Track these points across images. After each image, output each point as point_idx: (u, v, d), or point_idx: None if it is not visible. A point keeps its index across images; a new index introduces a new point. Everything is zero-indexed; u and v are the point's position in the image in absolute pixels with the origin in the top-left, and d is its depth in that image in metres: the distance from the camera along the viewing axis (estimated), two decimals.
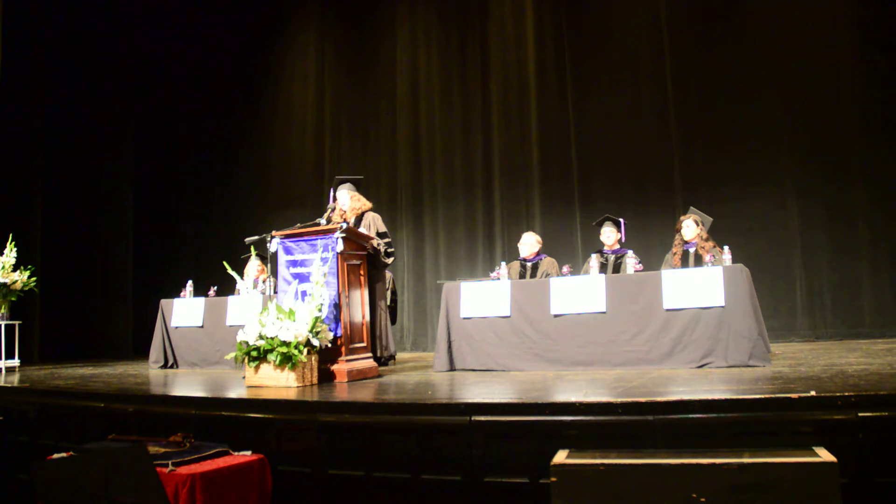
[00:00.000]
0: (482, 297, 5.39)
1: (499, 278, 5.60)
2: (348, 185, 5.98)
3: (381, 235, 5.77)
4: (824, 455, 2.67)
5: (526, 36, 8.70)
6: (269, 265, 6.38)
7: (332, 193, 6.04)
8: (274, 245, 5.25)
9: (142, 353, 7.92)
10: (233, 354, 4.74)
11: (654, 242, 7.27)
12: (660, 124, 7.92)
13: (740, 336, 4.59)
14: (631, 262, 5.59)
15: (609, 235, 6.24)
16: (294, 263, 5.10)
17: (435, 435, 3.45)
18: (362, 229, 5.66)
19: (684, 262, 5.85)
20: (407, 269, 9.09)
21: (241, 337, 4.69)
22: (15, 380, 5.79)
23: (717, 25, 7.75)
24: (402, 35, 9.42)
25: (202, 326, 6.75)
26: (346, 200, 5.91)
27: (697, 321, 4.76)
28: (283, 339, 4.51)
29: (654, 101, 7.98)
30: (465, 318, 5.40)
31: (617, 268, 5.96)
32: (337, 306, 4.92)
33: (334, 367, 4.89)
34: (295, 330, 4.53)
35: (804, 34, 7.41)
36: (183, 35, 10.39)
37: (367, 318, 5.26)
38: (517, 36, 8.77)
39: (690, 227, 5.91)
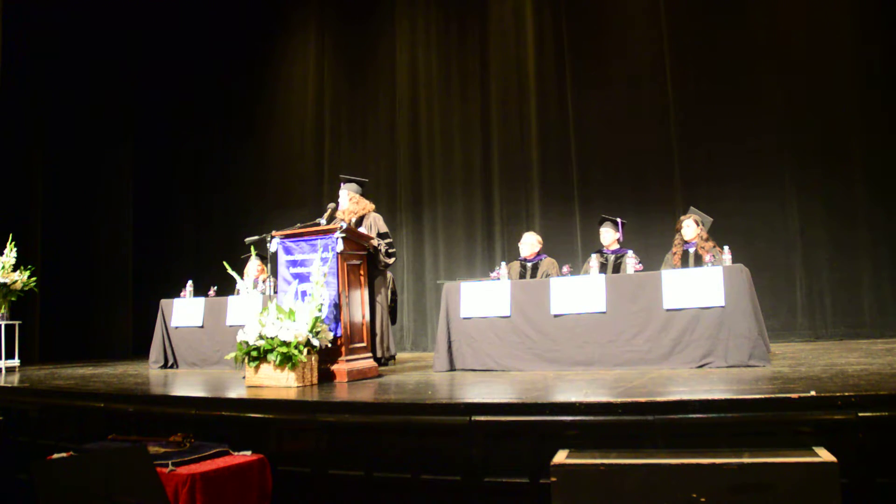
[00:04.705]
0: (482, 297, 5.39)
1: (499, 278, 5.59)
2: (350, 186, 5.98)
3: (382, 236, 5.76)
4: (824, 455, 2.67)
5: (525, 35, 8.69)
6: (269, 265, 6.38)
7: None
8: (274, 245, 5.25)
9: (142, 353, 7.91)
10: (233, 354, 4.74)
11: (654, 242, 7.26)
12: (660, 124, 7.91)
13: (740, 336, 4.59)
14: (631, 262, 5.59)
15: (607, 236, 6.24)
16: (294, 263, 5.10)
17: (435, 435, 3.45)
18: (363, 230, 5.66)
19: (684, 262, 5.84)
20: (407, 268, 9.09)
21: (241, 337, 4.70)
22: (15, 380, 5.79)
23: (717, 24, 7.74)
24: (401, 33, 9.41)
25: (202, 326, 6.75)
26: (345, 202, 5.90)
27: (697, 321, 4.76)
28: (283, 339, 4.51)
29: (653, 101, 7.97)
30: (465, 318, 5.40)
31: (617, 268, 5.96)
32: (337, 306, 4.92)
33: (334, 367, 4.89)
34: (295, 330, 4.53)
35: (804, 33, 7.40)
36: (182, 34, 10.38)
37: (367, 318, 5.26)
38: (517, 35, 8.77)
39: (690, 227, 5.91)
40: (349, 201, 5.91)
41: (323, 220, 5.37)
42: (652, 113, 7.97)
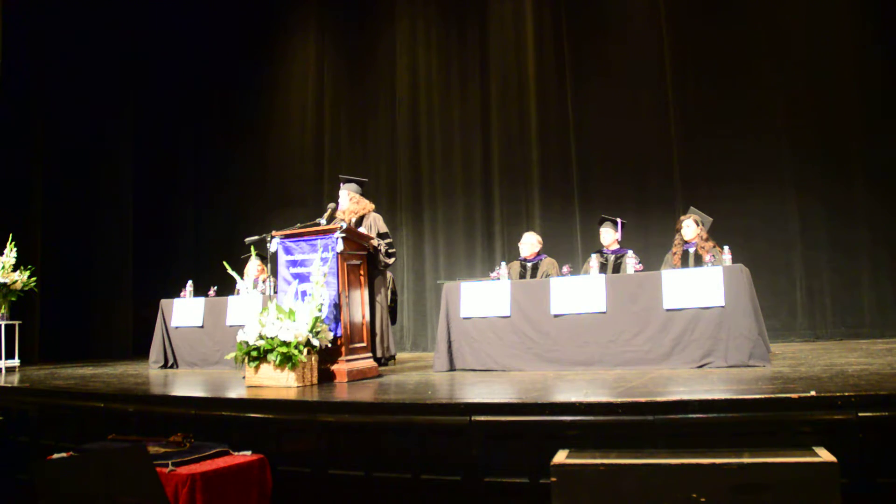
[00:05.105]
0: (482, 297, 5.38)
1: (499, 278, 5.59)
2: (350, 185, 5.98)
3: (382, 236, 5.76)
4: (824, 455, 2.67)
5: (525, 34, 8.69)
6: (269, 265, 6.38)
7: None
8: (274, 245, 5.25)
9: (142, 353, 7.91)
10: (233, 354, 4.74)
11: (654, 242, 7.27)
12: (659, 123, 7.91)
13: (740, 336, 4.59)
14: (631, 262, 5.59)
15: (607, 236, 6.24)
16: (294, 263, 5.10)
17: (435, 435, 3.45)
18: (363, 230, 5.66)
19: (684, 262, 5.84)
20: (407, 268, 9.09)
21: (241, 337, 4.70)
22: (15, 380, 5.79)
23: (717, 24, 7.74)
24: (401, 33, 9.41)
25: (202, 326, 6.75)
26: (346, 202, 5.91)
27: (697, 321, 4.75)
28: (283, 339, 4.51)
29: (653, 100, 7.97)
30: (465, 318, 5.40)
31: (617, 268, 5.96)
32: (337, 306, 4.92)
33: (334, 367, 4.89)
34: (295, 330, 4.53)
35: (805, 31, 7.40)
36: (183, 33, 10.39)
37: (367, 318, 5.26)
38: (517, 34, 8.76)
39: (690, 227, 5.91)
40: (349, 201, 5.91)
41: (323, 220, 5.37)
42: (652, 113, 7.96)
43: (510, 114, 8.72)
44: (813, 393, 3.08)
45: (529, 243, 6.50)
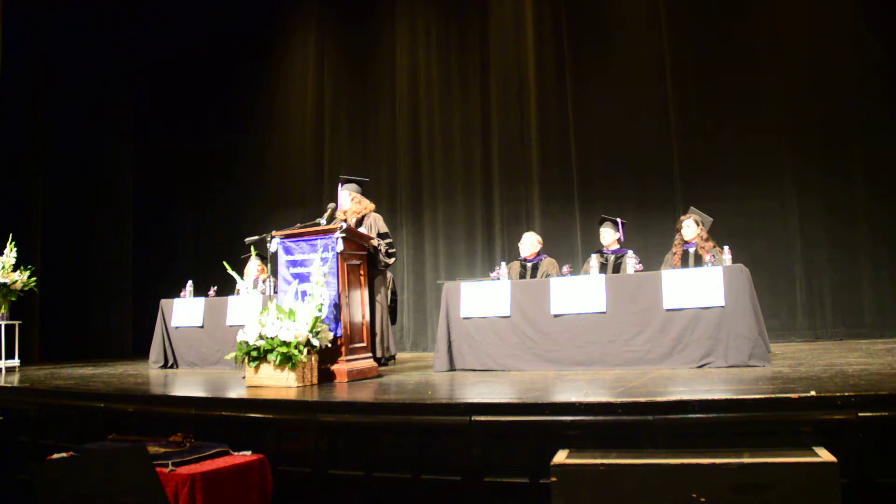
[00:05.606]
0: (482, 297, 5.39)
1: (499, 278, 5.59)
2: (350, 186, 5.98)
3: (382, 236, 5.76)
4: (824, 455, 2.66)
5: (525, 35, 8.70)
6: (269, 265, 6.38)
7: (338, 191, 6.05)
8: (274, 245, 5.25)
9: (142, 353, 7.92)
10: (233, 354, 4.74)
11: (654, 242, 7.27)
12: (659, 123, 7.92)
13: (740, 336, 4.59)
14: (631, 262, 5.59)
15: (607, 236, 6.24)
16: (294, 263, 5.10)
17: (435, 435, 3.45)
18: (363, 230, 5.66)
19: (684, 262, 5.85)
20: (407, 268, 9.09)
21: (241, 337, 4.70)
22: (15, 380, 5.79)
23: (717, 23, 7.74)
24: (401, 33, 9.42)
25: (202, 326, 6.75)
26: (347, 202, 5.90)
27: (697, 321, 4.75)
28: (283, 339, 4.51)
29: (653, 100, 7.97)
30: (465, 318, 5.40)
31: (617, 268, 5.96)
32: (337, 306, 4.92)
33: (334, 367, 4.89)
34: (295, 330, 4.53)
35: (805, 31, 7.40)
36: (182, 33, 10.39)
37: (367, 318, 5.26)
38: (517, 34, 8.77)
39: (690, 227, 5.91)
40: (350, 201, 5.91)
41: (323, 220, 5.37)
42: (652, 113, 7.97)
43: (510, 114, 8.72)
44: (813, 393, 3.07)
45: (529, 243, 6.50)
